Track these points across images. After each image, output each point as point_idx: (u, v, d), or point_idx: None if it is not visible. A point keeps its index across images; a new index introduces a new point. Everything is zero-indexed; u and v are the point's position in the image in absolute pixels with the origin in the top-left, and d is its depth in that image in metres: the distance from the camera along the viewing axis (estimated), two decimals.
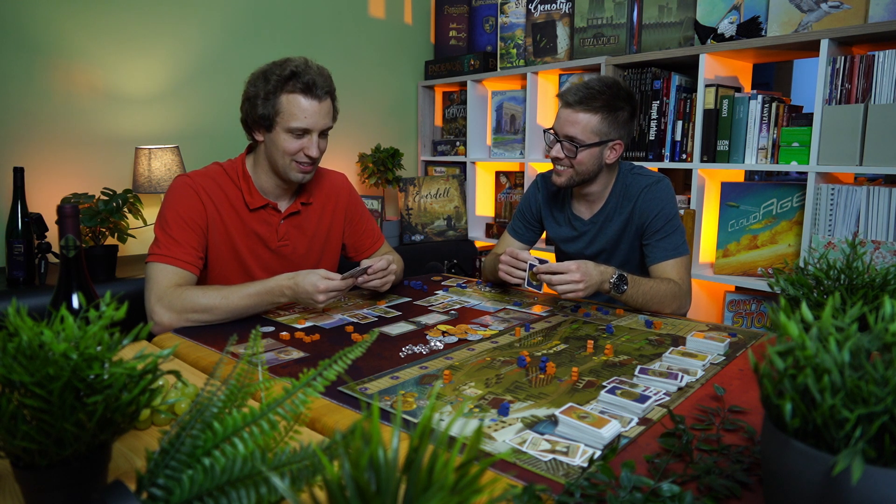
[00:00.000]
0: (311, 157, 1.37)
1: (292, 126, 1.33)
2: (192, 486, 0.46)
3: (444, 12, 3.14)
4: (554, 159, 1.49)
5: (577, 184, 1.52)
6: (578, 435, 0.75)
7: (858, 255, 0.85)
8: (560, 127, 1.47)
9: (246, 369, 0.56)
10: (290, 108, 1.33)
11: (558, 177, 1.51)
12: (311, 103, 1.34)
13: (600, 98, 1.43)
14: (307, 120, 1.34)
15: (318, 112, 1.35)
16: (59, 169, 2.11)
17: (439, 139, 3.22)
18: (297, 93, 1.32)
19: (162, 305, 1.24)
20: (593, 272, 1.33)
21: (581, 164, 1.47)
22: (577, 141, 1.45)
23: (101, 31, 2.16)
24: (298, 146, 1.36)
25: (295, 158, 1.37)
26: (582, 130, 1.44)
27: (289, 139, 1.35)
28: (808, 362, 0.45)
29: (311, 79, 1.33)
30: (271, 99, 1.33)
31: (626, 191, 1.55)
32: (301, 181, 1.42)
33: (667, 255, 1.48)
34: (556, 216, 1.68)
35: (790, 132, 1.96)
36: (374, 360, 1.04)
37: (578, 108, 1.44)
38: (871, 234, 1.79)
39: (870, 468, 0.42)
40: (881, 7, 1.76)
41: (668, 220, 1.49)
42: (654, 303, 1.39)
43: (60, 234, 0.84)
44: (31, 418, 0.51)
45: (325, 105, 1.36)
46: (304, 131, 1.35)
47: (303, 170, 1.39)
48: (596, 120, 1.44)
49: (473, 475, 0.36)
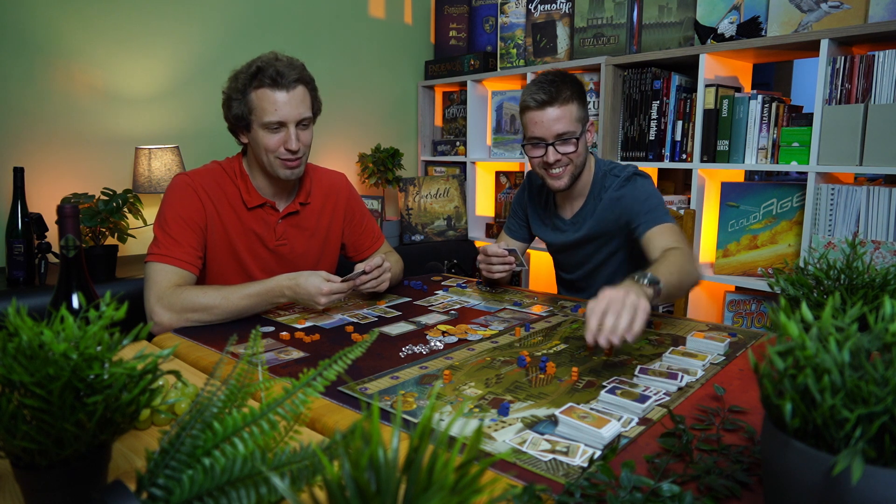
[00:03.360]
0: (291, 150, 1.34)
1: (266, 121, 1.32)
2: (192, 486, 0.46)
3: (444, 12, 3.14)
4: (553, 164, 1.47)
5: (576, 178, 1.53)
6: (578, 435, 0.75)
7: (858, 255, 0.85)
8: (546, 129, 1.45)
9: (246, 369, 0.56)
10: (260, 103, 1.32)
11: (558, 180, 1.50)
12: (280, 94, 1.31)
13: (565, 87, 1.44)
14: (278, 112, 1.32)
15: (290, 102, 1.32)
16: (59, 169, 2.11)
17: (439, 139, 3.22)
18: (264, 87, 1.31)
19: (162, 305, 1.24)
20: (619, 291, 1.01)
21: (579, 155, 1.49)
22: (569, 134, 1.45)
23: (101, 31, 2.16)
24: (278, 141, 1.34)
25: (277, 155, 1.36)
26: (569, 122, 1.44)
27: (267, 135, 1.34)
28: (808, 362, 0.45)
29: (276, 70, 1.31)
30: (242, 98, 1.33)
31: (605, 186, 1.55)
32: (289, 178, 1.40)
33: (655, 221, 1.41)
34: (540, 215, 1.70)
35: (790, 132, 1.96)
36: (374, 360, 1.04)
37: (556, 104, 1.43)
38: (871, 234, 1.79)
39: (870, 468, 0.42)
40: (881, 7, 1.76)
41: (646, 198, 1.45)
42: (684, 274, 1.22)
43: (60, 234, 0.84)
44: (31, 418, 0.51)
45: (296, 94, 1.33)
46: (279, 124, 1.33)
47: (287, 165, 1.37)
48: (574, 108, 1.45)
49: (473, 475, 0.36)
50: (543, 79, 1.45)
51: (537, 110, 1.44)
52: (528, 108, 1.45)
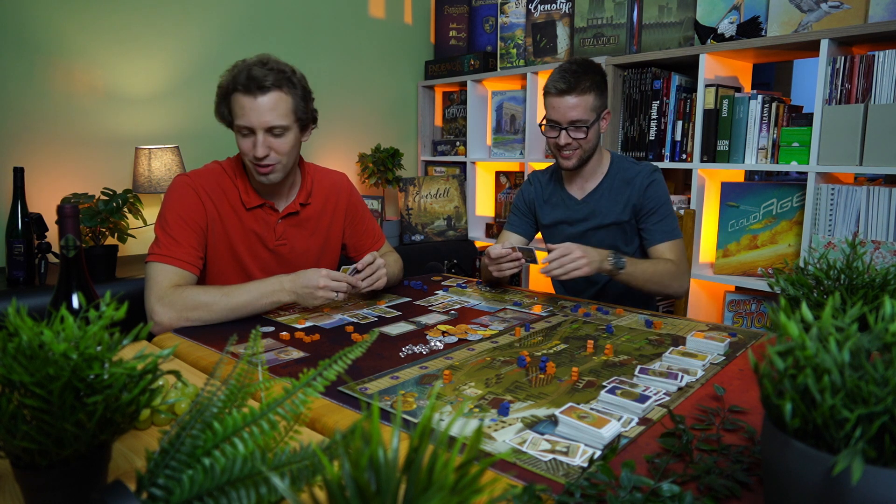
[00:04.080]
0: (256, 156, 1.32)
1: (237, 124, 1.33)
2: (192, 486, 0.46)
3: (444, 12, 3.14)
4: (563, 146, 1.58)
5: (585, 161, 1.62)
6: (578, 435, 0.75)
7: (858, 255, 0.85)
8: (562, 115, 1.55)
9: (246, 369, 0.56)
10: (236, 108, 1.33)
11: (567, 160, 1.60)
12: (248, 99, 1.29)
13: (586, 78, 1.54)
14: (245, 117, 1.31)
15: (256, 108, 1.29)
16: (59, 169, 2.11)
17: (439, 139, 3.22)
18: (238, 92, 1.31)
19: (162, 305, 1.24)
20: (591, 250, 1.42)
21: (588, 141, 1.59)
22: (582, 122, 1.55)
23: (101, 31, 2.16)
24: (248, 146, 1.33)
25: (250, 159, 1.35)
26: (584, 111, 1.55)
27: (240, 139, 1.35)
28: (808, 362, 0.45)
29: (249, 74, 1.29)
30: (225, 102, 1.34)
31: (623, 174, 1.65)
32: (264, 182, 1.38)
33: (664, 237, 1.59)
34: (551, 200, 1.75)
35: (790, 132, 1.96)
36: (374, 360, 1.04)
37: (574, 93, 1.53)
38: (871, 234, 1.79)
39: (870, 468, 0.42)
40: (881, 7, 1.76)
41: (661, 204, 1.61)
42: (653, 282, 1.48)
43: (60, 234, 0.84)
44: (31, 418, 0.51)
45: (266, 101, 1.29)
46: (248, 129, 1.32)
47: (259, 171, 1.35)
48: (591, 98, 1.55)
49: (473, 475, 0.36)
50: (568, 67, 1.55)
51: (556, 97, 1.56)
52: (549, 93, 1.57)
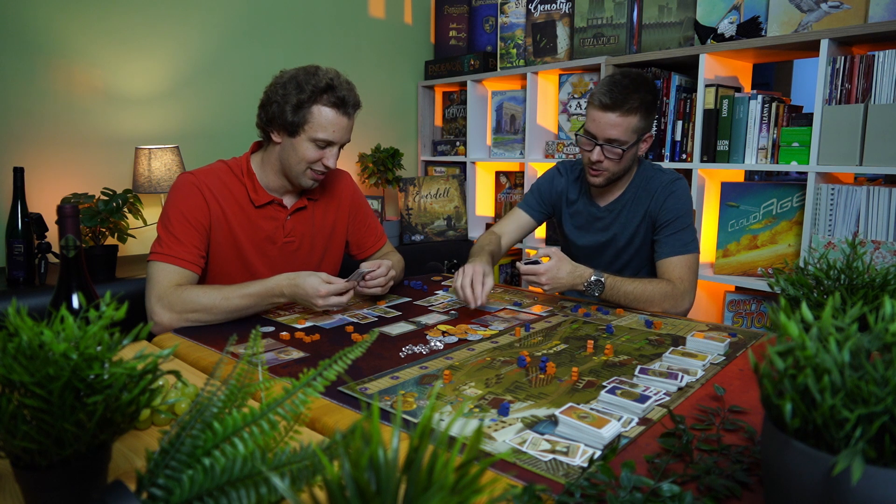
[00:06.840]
0: (329, 167, 1.40)
1: (318, 137, 1.35)
2: (192, 486, 0.46)
3: (444, 12, 3.14)
4: (594, 162, 1.49)
5: (614, 180, 1.55)
6: (578, 435, 0.75)
7: (858, 255, 0.85)
8: (600, 131, 1.45)
9: (246, 369, 0.56)
10: (320, 119, 1.34)
11: (595, 178, 1.52)
12: (341, 119, 1.36)
13: (635, 97, 1.42)
14: (335, 134, 1.37)
15: (346, 127, 1.39)
16: (59, 169, 2.11)
17: (439, 139, 3.22)
18: (329, 106, 1.34)
19: (162, 305, 1.24)
20: (563, 275, 1.38)
21: (621, 164, 1.49)
22: (619, 143, 1.45)
23: (102, 32, 2.16)
24: (318, 156, 1.38)
25: (312, 167, 1.40)
26: (623, 132, 1.44)
27: (311, 148, 1.37)
28: (808, 362, 0.45)
29: (345, 95, 1.36)
30: (304, 107, 1.34)
31: (646, 184, 1.57)
32: (310, 187, 1.46)
33: (673, 251, 1.49)
34: (574, 203, 1.69)
35: (790, 132, 1.96)
36: (374, 360, 1.04)
37: (618, 111, 1.42)
38: (871, 234, 1.79)
39: (870, 468, 0.42)
40: (881, 7, 1.76)
41: (678, 216, 1.50)
42: (639, 303, 1.41)
43: (60, 234, 0.84)
44: (31, 418, 0.51)
45: (351, 121, 1.40)
46: (327, 143, 1.37)
47: (316, 178, 1.43)
48: (635, 120, 1.44)
49: (473, 475, 0.36)
50: (619, 80, 1.44)
51: (599, 110, 1.44)
52: (593, 105, 1.46)
